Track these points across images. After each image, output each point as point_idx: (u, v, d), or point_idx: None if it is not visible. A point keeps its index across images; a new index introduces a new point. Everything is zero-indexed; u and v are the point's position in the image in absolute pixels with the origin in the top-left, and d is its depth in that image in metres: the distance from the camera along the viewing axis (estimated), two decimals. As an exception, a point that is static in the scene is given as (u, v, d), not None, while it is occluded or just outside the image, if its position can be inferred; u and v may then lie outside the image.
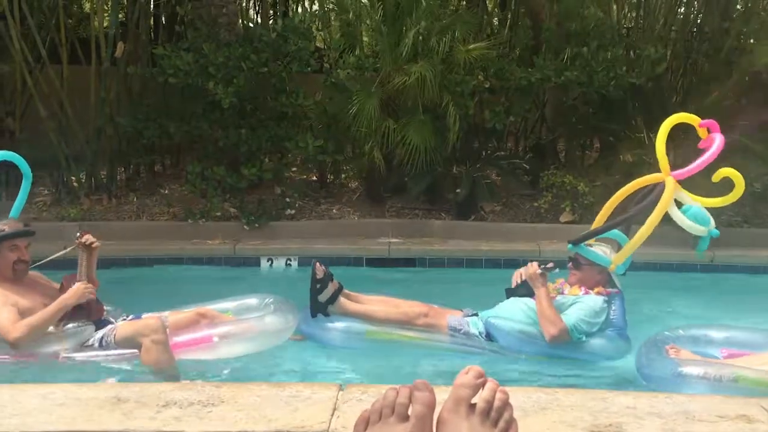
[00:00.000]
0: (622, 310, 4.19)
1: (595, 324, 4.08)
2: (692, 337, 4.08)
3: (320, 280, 4.23)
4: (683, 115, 4.19)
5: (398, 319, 4.27)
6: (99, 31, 7.94)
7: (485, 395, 1.09)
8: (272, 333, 4.16)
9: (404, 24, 7.57)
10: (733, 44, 8.13)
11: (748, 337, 4.07)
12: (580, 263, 4.30)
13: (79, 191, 7.91)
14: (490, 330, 4.19)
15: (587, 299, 4.17)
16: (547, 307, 4.05)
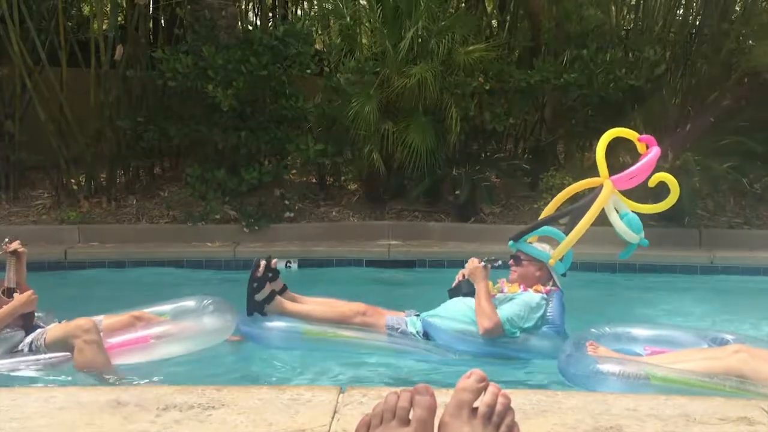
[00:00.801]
0: (560, 309, 4.21)
1: (529, 319, 4.09)
2: (616, 334, 4.12)
3: (258, 279, 4.22)
4: (622, 129, 4.37)
5: (335, 319, 4.28)
6: (98, 34, 7.94)
7: (487, 399, 1.09)
8: (210, 333, 4.14)
9: (403, 26, 7.57)
10: (732, 46, 8.13)
11: (673, 335, 4.12)
12: (520, 260, 4.34)
13: (78, 194, 7.91)
14: (428, 329, 4.20)
15: (524, 295, 4.21)
16: (484, 302, 4.07)
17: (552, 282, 4.33)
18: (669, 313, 5.48)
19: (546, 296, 4.22)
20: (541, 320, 4.14)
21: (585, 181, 4.42)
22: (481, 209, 7.88)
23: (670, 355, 3.78)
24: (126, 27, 8.42)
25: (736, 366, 3.40)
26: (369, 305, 4.41)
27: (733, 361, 3.43)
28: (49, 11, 7.87)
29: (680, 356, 3.69)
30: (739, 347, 3.62)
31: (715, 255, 6.75)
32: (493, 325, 3.98)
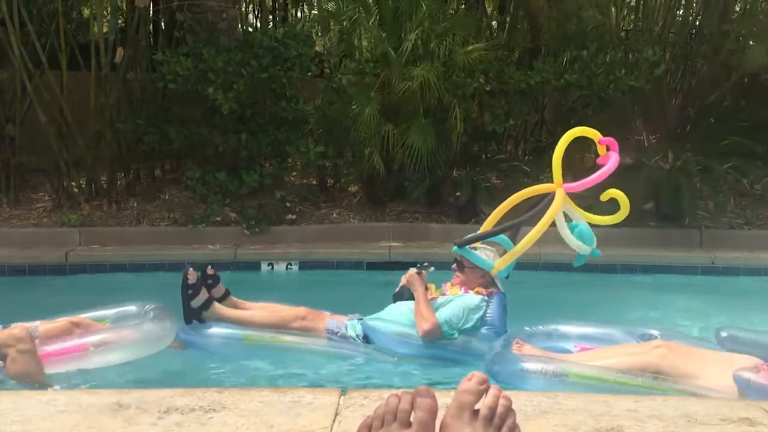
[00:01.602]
0: (500, 310, 4.21)
1: (468, 320, 4.09)
2: (548, 332, 4.15)
3: (191, 286, 4.20)
4: (584, 129, 4.30)
5: (274, 323, 4.27)
6: (98, 36, 7.95)
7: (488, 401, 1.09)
8: (149, 340, 4.09)
9: (403, 27, 7.58)
10: (732, 46, 8.14)
11: (602, 332, 4.13)
12: (463, 266, 4.34)
13: (79, 197, 7.91)
14: (367, 332, 4.20)
15: (463, 297, 4.22)
16: (423, 306, 4.08)
17: (494, 285, 4.34)
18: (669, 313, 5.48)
19: (487, 298, 4.22)
20: (480, 322, 4.13)
21: (536, 187, 4.33)
22: (481, 210, 7.87)
23: (595, 352, 3.82)
24: (126, 30, 8.43)
25: (654, 362, 3.44)
26: (312, 309, 4.41)
27: (652, 357, 3.47)
28: (50, 14, 7.88)
29: (604, 353, 3.74)
30: (660, 343, 3.65)
31: (716, 255, 6.74)
32: (431, 327, 3.98)
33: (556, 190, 4.02)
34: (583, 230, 4.02)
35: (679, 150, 7.43)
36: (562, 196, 3.98)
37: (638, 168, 7.47)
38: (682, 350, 3.58)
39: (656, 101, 8.00)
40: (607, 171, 4.09)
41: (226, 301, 4.39)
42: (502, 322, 4.19)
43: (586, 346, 4.00)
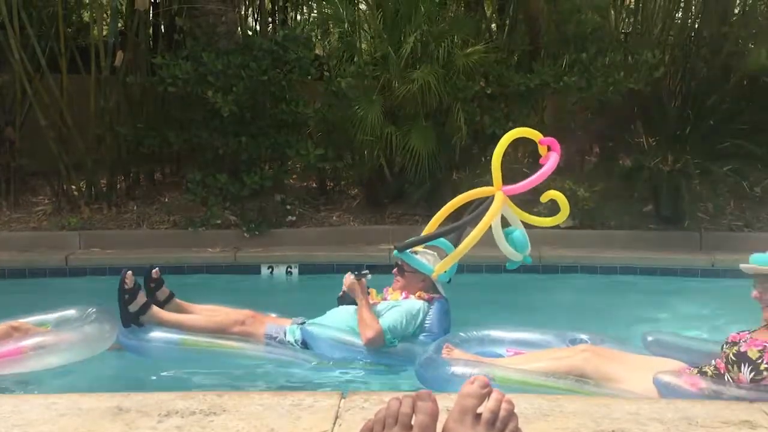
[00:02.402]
0: (439, 316, 4.19)
1: (408, 326, 4.08)
2: (481, 337, 4.14)
3: (128, 291, 4.19)
4: (525, 129, 4.27)
5: (213, 328, 4.26)
6: (98, 40, 7.96)
7: (491, 405, 1.09)
8: (89, 343, 4.08)
9: (403, 30, 7.59)
10: (732, 49, 8.14)
11: (534, 337, 4.14)
12: (404, 270, 4.32)
13: (79, 200, 7.91)
14: (305, 337, 4.18)
15: (405, 303, 4.20)
16: (365, 312, 4.06)
17: (435, 290, 4.32)
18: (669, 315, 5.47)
19: (428, 304, 4.20)
20: (419, 328, 4.12)
21: (477, 190, 4.31)
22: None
23: (524, 356, 3.83)
24: (126, 33, 8.45)
25: (579, 365, 3.46)
26: (258, 313, 4.41)
27: (576, 361, 3.50)
28: (49, 18, 7.89)
29: (532, 357, 3.75)
30: (586, 347, 3.68)
31: (716, 258, 6.73)
32: (374, 335, 3.96)
33: (496, 192, 4.02)
34: (517, 237, 4.05)
35: (678, 152, 7.43)
36: (501, 198, 3.99)
37: (638, 170, 7.48)
38: (607, 354, 3.60)
39: (656, 104, 8.00)
40: (547, 172, 4.08)
41: (170, 303, 4.39)
42: (441, 328, 4.16)
43: (518, 350, 4.01)
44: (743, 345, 3.23)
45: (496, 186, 4.03)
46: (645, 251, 6.91)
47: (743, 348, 3.20)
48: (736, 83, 8.19)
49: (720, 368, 3.28)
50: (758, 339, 3.23)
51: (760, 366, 3.10)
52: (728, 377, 3.20)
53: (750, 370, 3.12)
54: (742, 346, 3.22)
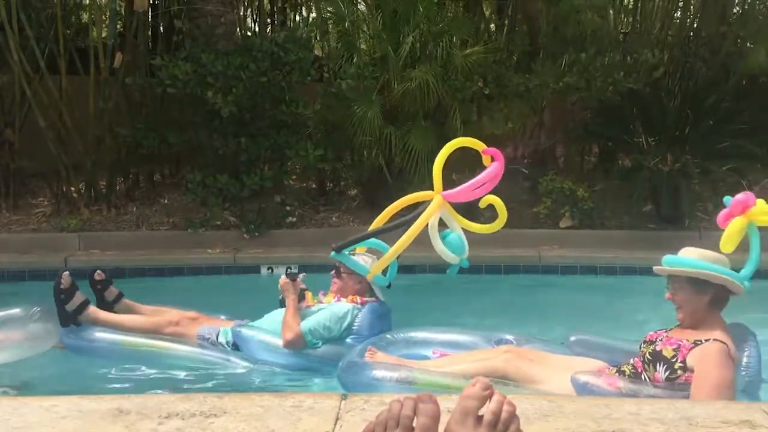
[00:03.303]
0: (370, 319, 4.16)
1: (334, 329, 4.06)
2: (408, 339, 4.11)
3: (64, 291, 4.27)
4: (467, 139, 4.29)
5: (147, 329, 4.31)
6: (97, 41, 7.96)
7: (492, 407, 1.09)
8: (33, 341, 4.14)
9: (402, 30, 7.59)
10: (731, 48, 8.15)
11: (460, 338, 4.12)
12: (340, 272, 4.32)
13: (78, 201, 7.91)
14: (236, 339, 4.19)
15: (333, 305, 4.19)
16: (289, 315, 4.07)
17: (371, 293, 4.30)
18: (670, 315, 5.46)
19: (358, 306, 4.18)
20: (347, 331, 4.10)
21: (417, 194, 4.35)
22: (481, 213, 7.87)
23: (448, 358, 3.83)
24: (125, 34, 8.45)
25: (500, 366, 3.47)
26: (202, 314, 4.47)
27: (497, 362, 3.51)
28: (48, 19, 7.89)
29: (456, 359, 3.75)
30: (508, 348, 3.68)
31: (716, 257, 6.73)
32: (293, 337, 3.97)
33: (435, 196, 4.07)
34: (453, 240, 4.05)
35: (678, 152, 7.43)
36: (437, 202, 4.04)
37: (637, 170, 7.48)
38: (529, 355, 3.61)
39: (655, 103, 8.00)
40: (485, 178, 4.10)
41: (119, 304, 4.46)
42: (372, 331, 4.12)
43: (444, 352, 3.99)
44: (659, 344, 3.23)
45: (436, 191, 4.10)
46: (645, 251, 6.90)
47: (659, 347, 3.21)
48: (736, 83, 8.20)
49: (638, 367, 3.29)
50: (673, 338, 3.23)
51: (674, 365, 3.11)
52: (645, 376, 3.21)
53: (665, 369, 3.13)
54: (658, 345, 3.22)
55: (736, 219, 3.48)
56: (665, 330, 3.36)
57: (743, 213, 3.49)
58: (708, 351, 3.07)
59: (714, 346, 3.08)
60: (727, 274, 3.24)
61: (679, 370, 3.10)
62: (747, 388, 3.22)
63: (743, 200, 3.49)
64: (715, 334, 3.14)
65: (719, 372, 3.01)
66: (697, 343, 3.11)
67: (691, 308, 3.25)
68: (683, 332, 3.26)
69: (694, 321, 3.25)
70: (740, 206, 3.49)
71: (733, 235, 3.46)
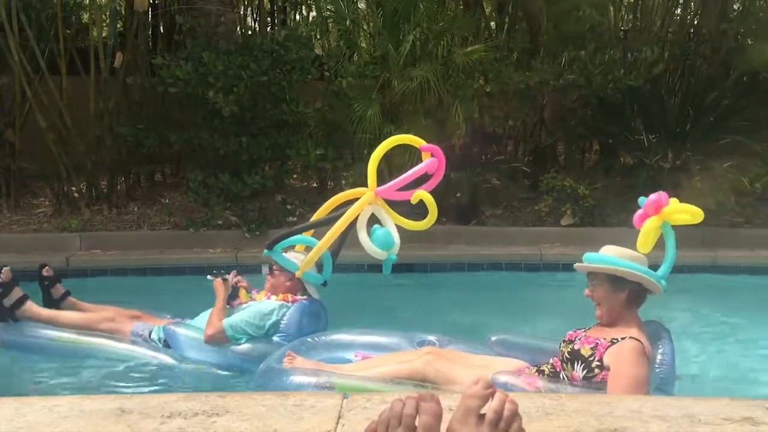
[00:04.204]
0: (298, 317, 4.12)
1: (259, 327, 4.05)
2: (329, 342, 4.04)
3: (3, 285, 4.33)
4: (406, 136, 4.33)
5: (82, 325, 4.34)
6: (98, 41, 7.96)
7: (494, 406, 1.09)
8: None
9: (402, 29, 7.59)
10: (731, 45, 8.14)
11: (382, 340, 4.05)
12: (273, 269, 4.32)
13: (79, 202, 7.92)
14: (166, 336, 4.21)
15: (258, 303, 4.20)
16: (214, 312, 4.09)
17: (303, 291, 4.29)
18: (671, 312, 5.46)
19: (287, 305, 4.16)
20: (273, 328, 4.08)
21: (352, 191, 4.36)
22: (482, 212, 7.88)
23: (369, 360, 3.77)
24: (125, 34, 8.45)
25: (420, 368, 3.44)
26: (144, 312, 4.51)
27: (417, 364, 3.46)
28: (49, 20, 7.89)
29: (377, 362, 3.69)
30: (429, 350, 3.63)
31: (717, 254, 6.74)
32: (214, 332, 3.98)
33: (368, 193, 4.08)
34: (380, 235, 4.02)
35: (678, 149, 7.43)
36: (367, 198, 4.05)
37: (638, 167, 7.48)
38: (449, 356, 3.58)
39: (655, 101, 8.00)
40: (414, 174, 4.14)
41: (65, 302, 4.50)
42: (298, 330, 4.09)
43: (366, 354, 3.93)
44: (577, 343, 3.24)
45: (370, 187, 4.12)
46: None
47: (577, 346, 3.21)
48: (736, 80, 8.19)
49: (557, 366, 3.29)
50: (591, 336, 3.24)
51: (591, 364, 3.12)
52: (563, 375, 3.22)
53: (582, 368, 3.14)
54: (576, 344, 3.23)
55: (650, 219, 3.51)
56: (584, 329, 3.36)
57: (657, 213, 3.51)
58: (623, 349, 3.09)
59: (629, 344, 3.10)
60: (644, 272, 3.28)
61: (596, 368, 3.11)
62: (661, 385, 3.22)
63: (656, 200, 3.53)
64: (632, 332, 3.16)
65: (633, 370, 3.02)
66: (614, 342, 3.13)
67: (608, 305, 3.28)
68: (601, 330, 3.27)
69: (611, 318, 3.27)
70: (654, 206, 3.53)
71: (649, 235, 3.48)
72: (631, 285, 3.26)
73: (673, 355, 3.35)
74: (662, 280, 3.37)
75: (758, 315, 5.25)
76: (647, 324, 3.35)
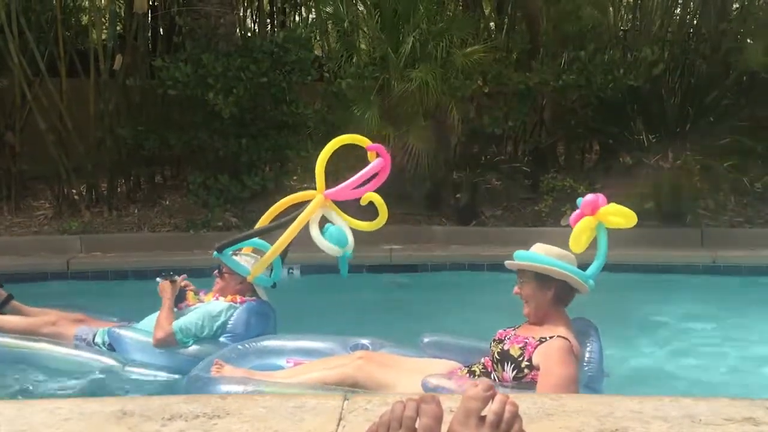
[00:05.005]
0: (245, 318, 4.10)
1: (206, 328, 4.03)
2: (260, 349, 3.93)
3: None
4: (352, 136, 4.32)
5: (24, 329, 4.29)
6: (97, 43, 7.96)
7: (495, 407, 1.09)
8: None
9: (402, 30, 7.59)
10: (731, 45, 8.14)
11: (315, 345, 3.97)
12: (222, 272, 4.28)
13: (79, 204, 7.92)
14: (110, 339, 4.17)
15: (207, 304, 4.17)
16: (163, 314, 4.05)
17: (253, 293, 4.26)
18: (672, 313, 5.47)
19: (235, 305, 4.13)
20: (221, 329, 4.05)
21: (301, 194, 4.35)
22: (482, 212, 7.89)
23: (301, 366, 3.70)
24: (125, 36, 8.45)
25: (350, 374, 3.39)
26: (88, 316, 4.47)
27: (348, 369, 3.41)
28: (48, 22, 7.90)
29: (308, 368, 3.63)
30: (361, 354, 3.58)
31: (718, 254, 6.74)
32: (163, 335, 3.95)
33: (317, 196, 4.09)
34: (333, 233, 4.03)
35: (678, 149, 7.43)
36: (318, 201, 4.06)
37: (638, 167, 7.48)
38: (381, 360, 3.54)
39: (655, 100, 8.00)
40: (364, 175, 4.13)
41: (7, 306, 4.46)
42: (245, 330, 4.06)
43: (298, 360, 3.83)
44: (507, 343, 3.22)
45: (319, 190, 4.13)
46: (646, 248, 6.91)
47: (506, 346, 3.20)
48: (736, 79, 8.20)
49: (488, 367, 3.28)
50: (520, 336, 3.22)
51: (521, 364, 3.10)
52: (494, 376, 3.20)
53: (513, 369, 3.12)
54: (506, 344, 3.21)
55: (584, 218, 3.51)
56: (513, 328, 3.35)
57: (593, 213, 3.50)
58: (552, 348, 3.08)
59: (557, 343, 3.09)
60: (571, 271, 3.27)
61: (525, 369, 3.09)
62: (589, 383, 3.21)
63: (592, 201, 3.53)
64: (559, 330, 3.15)
65: (561, 369, 3.01)
66: (542, 341, 3.12)
67: (535, 303, 3.27)
68: (530, 329, 3.26)
69: (539, 316, 3.27)
70: (589, 206, 3.54)
71: (581, 235, 3.50)
72: (558, 283, 3.26)
73: (601, 353, 3.34)
74: (590, 280, 3.36)
75: (758, 315, 5.25)
76: (576, 321, 3.34)
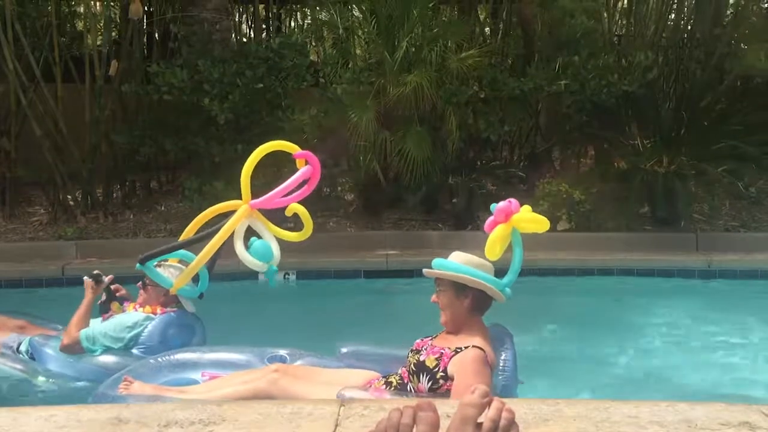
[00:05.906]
0: (161, 329, 4.01)
1: (119, 339, 3.97)
2: (174, 362, 3.79)
3: None
4: (280, 143, 4.28)
5: None
6: (93, 49, 7.96)
7: (491, 414, 1.09)
8: None
9: (397, 35, 7.61)
10: (725, 50, 8.18)
11: (231, 358, 3.84)
12: (146, 284, 4.23)
13: (75, 210, 7.90)
14: (31, 348, 4.11)
15: (123, 315, 4.12)
16: (74, 320, 4.00)
17: (178, 305, 4.21)
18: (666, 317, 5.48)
19: (151, 317, 4.05)
20: (134, 341, 3.98)
21: (224, 204, 4.29)
22: (478, 217, 7.89)
23: (215, 381, 3.61)
24: (120, 42, 8.44)
25: (264, 388, 3.32)
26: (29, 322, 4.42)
27: (262, 383, 3.35)
28: (43, 28, 7.89)
29: (222, 382, 3.54)
30: (276, 367, 3.50)
31: (712, 258, 6.75)
32: (68, 341, 3.92)
33: (242, 206, 4.03)
34: (258, 247, 3.97)
35: (673, 154, 7.46)
36: (242, 212, 4.01)
37: (633, 172, 7.50)
38: (297, 372, 3.48)
39: (650, 105, 8.02)
40: (291, 184, 4.10)
41: None
42: (163, 342, 3.96)
43: (214, 373, 3.71)
44: (423, 353, 3.20)
45: (244, 200, 4.07)
46: (641, 253, 6.93)
47: (423, 357, 3.18)
48: (730, 84, 8.23)
49: (404, 377, 3.25)
50: (437, 346, 3.20)
51: (437, 375, 3.09)
52: (410, 387, 3.18)
53: (428, 380, 3.10)
54: (422, 355, 3.19)
55: (499, 226, 3.51)
56: (431, 337, 3.33)
57: (506, 220, 3.51)
58: (466, 358, 3.06)
59: (471, 353, 3.07)
60: (486, 279, 3.24)
61: (440, 379, 3.08)
62: (503, 391, 3.19)
63: (505, 207, 3.53)
64: (475, 340, 3.13)
65: (475, 380, 2.97)
66: (458, 351, 3.10)
67: (452, 311, 3.26)
68: (446, 339, 3.25)
69: (456, 325, 3.26)
70: (503, 213, 3.53)
71: (496, 242, 3.48)
72: (474, 292, 3.24)
73: (515, 361, 3.32)
74: (506, 288, 3.33)
75: (753, 319, 5.26)
76: (491, 327, 3.33)
